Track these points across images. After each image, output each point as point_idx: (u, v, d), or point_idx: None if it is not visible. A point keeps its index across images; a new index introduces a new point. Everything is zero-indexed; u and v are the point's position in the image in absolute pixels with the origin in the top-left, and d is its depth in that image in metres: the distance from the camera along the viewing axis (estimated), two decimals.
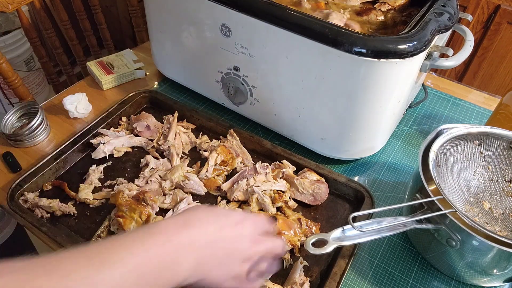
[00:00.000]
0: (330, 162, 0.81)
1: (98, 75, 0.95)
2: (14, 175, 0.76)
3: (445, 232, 0.57)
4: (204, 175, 0.74)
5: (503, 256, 0.55)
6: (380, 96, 0.68)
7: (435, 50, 0.69)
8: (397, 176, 0.81)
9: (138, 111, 0.88)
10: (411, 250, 0.69)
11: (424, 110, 0.95)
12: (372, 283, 0.64)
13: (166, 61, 0.94)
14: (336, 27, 0.63)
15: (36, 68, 1.85)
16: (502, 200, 0.70)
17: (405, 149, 0.86)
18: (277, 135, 0.85)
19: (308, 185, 0.72)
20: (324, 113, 0.73)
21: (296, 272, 0.61)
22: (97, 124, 0.81)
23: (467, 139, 0.69)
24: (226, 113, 0.91)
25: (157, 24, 0.88)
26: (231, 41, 0.75)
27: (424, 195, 0.60)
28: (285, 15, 0.66)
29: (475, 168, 0.71)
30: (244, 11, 0.69)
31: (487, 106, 0.97)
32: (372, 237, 0.59)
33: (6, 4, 0.98)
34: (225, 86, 0.83)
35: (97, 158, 0.77)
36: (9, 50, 1.69)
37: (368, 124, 0.73)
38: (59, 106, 0.88)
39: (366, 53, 0.61)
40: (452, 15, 0.71)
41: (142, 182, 0.73)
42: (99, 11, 1.27)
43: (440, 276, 0.66)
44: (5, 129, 0.82)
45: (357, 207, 0.72)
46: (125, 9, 1.94)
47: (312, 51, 0.66)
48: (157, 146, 0.80)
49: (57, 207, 0.68)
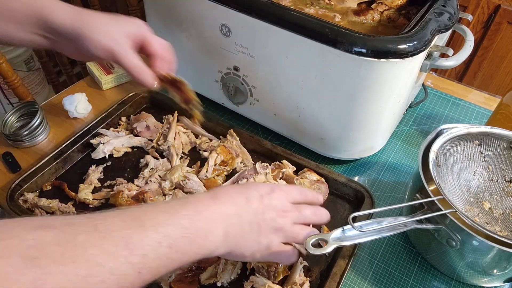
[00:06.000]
0: (330, 162, 0.81)
1: (98, 75, 0.95)
2: (13, 175, 0.76)
3: (445, 232, 0.57)
4: (204, 175, 0.74)
5: (503, 256, 0.55)
6: (380, 96, 0.68)
7: (435, 50, 0.69)
8: (397, 176, 0.81)
9: (138, 111, 0.88)
10: (411, 250, 0.69)
11: (424, 110, 0.95)
12: (372, 283, 0.64)
13: None
14: (336, 27, 0.63)
15: (36, 68, 1.85)
16: (502, 200, 0.70)
17: (405, 149, 0.86)
18: (277, 135, 0.85)
19: (308, 185, 0.72)
20: (324, 113, 0.73)
21: (296, 272, 0.61)
22: (96, 124, 0.81)
23: (467, 139, 0.69)
24: (226, 113, 0.91)
25: (157, 24, 0.88)
26: (231, 41, 0.75)
27: (424, 195, 0.60)
28: (285, 15, 0.66)
29: (475, 168, 0.71)
30: (244, 11, 0.69)
31: (487, 106, 0.97)
32: (372, 237, 0.59)
33: None
34: (225, 86, 0.83)
35: (96, 158, 0.77)
36: (9, 50, 1.69)
37: (368, 124, 0.73)
38: (59, 106, 0.88)
39: (366, 53, 0.61)
40: (452, 15, 0.71)
41: (141, 182, 0.72)
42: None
43: (440, 276, 0.66)
44: (4, 129, 0.82)
45: (357, 207, 0.72)
46: (125, 9, 1.94)
47: (312, 51, 0.66)
48: (157, 146, 0.80)
49: (57, 207, 0.68)
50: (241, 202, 0.49)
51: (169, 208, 0.44)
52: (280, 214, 0.50)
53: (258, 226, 0.49)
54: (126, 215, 0.41)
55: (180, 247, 0.42)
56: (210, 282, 0.61)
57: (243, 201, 0.49)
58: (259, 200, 0.49)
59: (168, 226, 0.42)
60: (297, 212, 0.52)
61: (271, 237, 0.50)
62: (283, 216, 0.50)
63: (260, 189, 0.51)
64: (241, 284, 0.61)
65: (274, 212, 0.50)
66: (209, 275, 0.62)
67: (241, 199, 0.49)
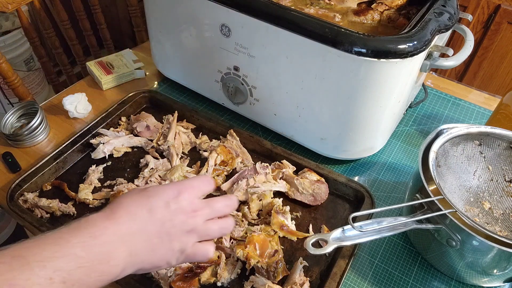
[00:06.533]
0: (330, 162, 0.81)
1: (98, 75, 0.95)
2: (13, 175, 0.76)
3: (445, 232, 0.57)
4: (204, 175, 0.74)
5: (503, 256, 0.55)
6: (380, 96, 0.68)
7: (435, 50, 0.69)
8: (397, 176, 0.81)
9: (138, 111, 0.88)
10: (411, 250, 0.69)
11: (424, 110, 0.95)
12: (372, 283, 0.64)
13: (166, 61, 0.94)
14: (336, 27, 0.63)
15: (35, 68, 1.85)
16: (502, 200, 0.70)
17: (405, 149, 0.86)
18: (277, 135, 0.85)
19: (308, 185, 0.72)
20: (324, 113, 0.73)
21: (296, 272, 0.61)
22: (96, 124, 0.81)
23: (467, 139, 0.69)
24: (226, 113, 0.91)
25: (157, 24, 0.88)
26: (231, 41, 0.75)
27: (424, 195, 0.60)
28: (285, 15, 0.66)
29: (475, 168, 0.71)
30: (244, 11, 0.69)
31: (487, 106, 0.97)
32: (372, 237, 0.59)
33: (6, 4, 0.98)
34: (225, 86, 0.83)
35: (96, 158, 0.77)
36: (9, 50, 1.69)
37: (368, 124, 0.73)
38: (59, 106, 0.88)
39: (366, 53, 0.61)
40: (452, 15, 0.71)
41: (141, 182, 0.72)
42: (99, 11, 1.27)
43: (440, 276, 0.66)
44: (4, 129, 0.82)
45: (357, 207, 0.72)
46: (124, 9, 1.94)
47: (312, 51, 0.66)
48: (157, 146, 0.80)
49: (57, 207, 0.68)
50: (143, 215, 0.45)
51: (57, 238, 0.40)
52: (190, 215, 0.47)
53: (168, 234, 0.46)
54: (6, 255, 0.37)
55: (78, 279, 0.38)
56: (210, 282, 0.61)
57: (146, 214, 0.45)
58: (164, 208, 0.46)
59: (58, 259, 0.38)
60: (208, 208, 0.49)
61: (184, 240, 0.47)
62: (194, 216, 0.48)
63: (165, 195, 0.47)
64: (241, 284, 0.61)
65: (184, 214, 0.47)
66: (209, 275, 0.62)
67: (143, 212, 0.45)
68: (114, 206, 0.45)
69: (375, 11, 0.76)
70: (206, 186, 0.51)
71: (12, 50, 1.71)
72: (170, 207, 0.46)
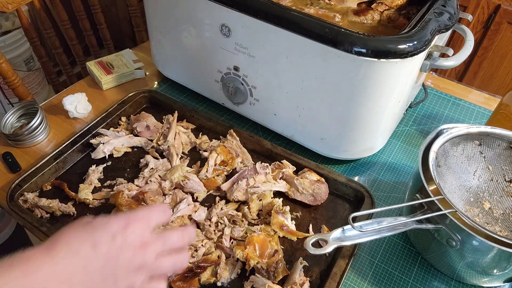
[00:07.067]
0: (330, 162, 0.81)
1: (98, 75, 0.95)
2: (13, 175, 0.76)
3: (445, 232, 0.57)
4: (204, 175, 0.74)
5: (503, 256, 0.55)
6: (380, 96, 0.68)
7: (435, 50, 0.69)
8: (397, 176, 0.81)
9: (138, 111, 0.88)
10: (411, 250, 0.69)
11: (424, 110, 0.95)
12: (372, 283, 0.64)
13: (166, 61, 0.94)
14: (336, 27, 0.63)
15: (35, 68, 1.85)
16: (502, 200, 0.70)
17: (405, 149, 0.86)
18: (277, 135, 0.85)
19: (308, 185, 0.72)
20: (324, 113, 0.73)
21: (296, 272, 0.61)
22: (96, 124, 0.81)
23: (467, 139, 0.69)
24: (226, 113, 0.91)
25: (157, 24, 0.88)
26: (231, 41, 0.75)
27: (424, 195, 0.60)
28: (285, 15, 0.66)
29: (475, 168, 0.71)
30: (244, 11, 0.69)
31: (487, 106, 0.97)
32: (372, 237, 0.59)
33: (6, 4, 0.98)
34: (225, 86, 0.83)
35: (96, 158, 0.77)
36: (9, 50, 1.69)
37: (368, 124, 0.73)
38: (59, 106, 0.88)
39: (366, 53, 0.61)
40: (452, 15, 0.71)
41: (141, 182, 0.72)
42: (99, 11, 1.27)
43: (440, 276, 0.66)
44: (4, 129, 0.82)
45: (357, 207, 0.72)
46: (124, 9, 1.94)
47: (312, 51, 0.66)
48: (157, 146, 0.80)
49: (57, 207, 0.68)
50: (85, 250, 0.40)
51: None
52: (138, 252, 0.43)
53: (113, 273, 0.41)
54: None
55: None
56: (210, 282, 0.61)
57: (89, 249, 0.40)
58: (110, 242, 0.41)
59: None
60: (160, 241, 0.45)
61: (132, 279, 0.42)
62: (143, 251, 0.43)
63: (111, 227, 0.42)
64: (241, 284, 0.61)
65: (131, 250, 0.42)
66: (209, 275, 0.62)
67: (85, 246, 0.40)
68: (54, 239, 0.40)
69: (375, 11, 0.76)
70: (158, 216, 0.46)
71: (12, 50, 1.71)
72: (116, 241, 0.41)
